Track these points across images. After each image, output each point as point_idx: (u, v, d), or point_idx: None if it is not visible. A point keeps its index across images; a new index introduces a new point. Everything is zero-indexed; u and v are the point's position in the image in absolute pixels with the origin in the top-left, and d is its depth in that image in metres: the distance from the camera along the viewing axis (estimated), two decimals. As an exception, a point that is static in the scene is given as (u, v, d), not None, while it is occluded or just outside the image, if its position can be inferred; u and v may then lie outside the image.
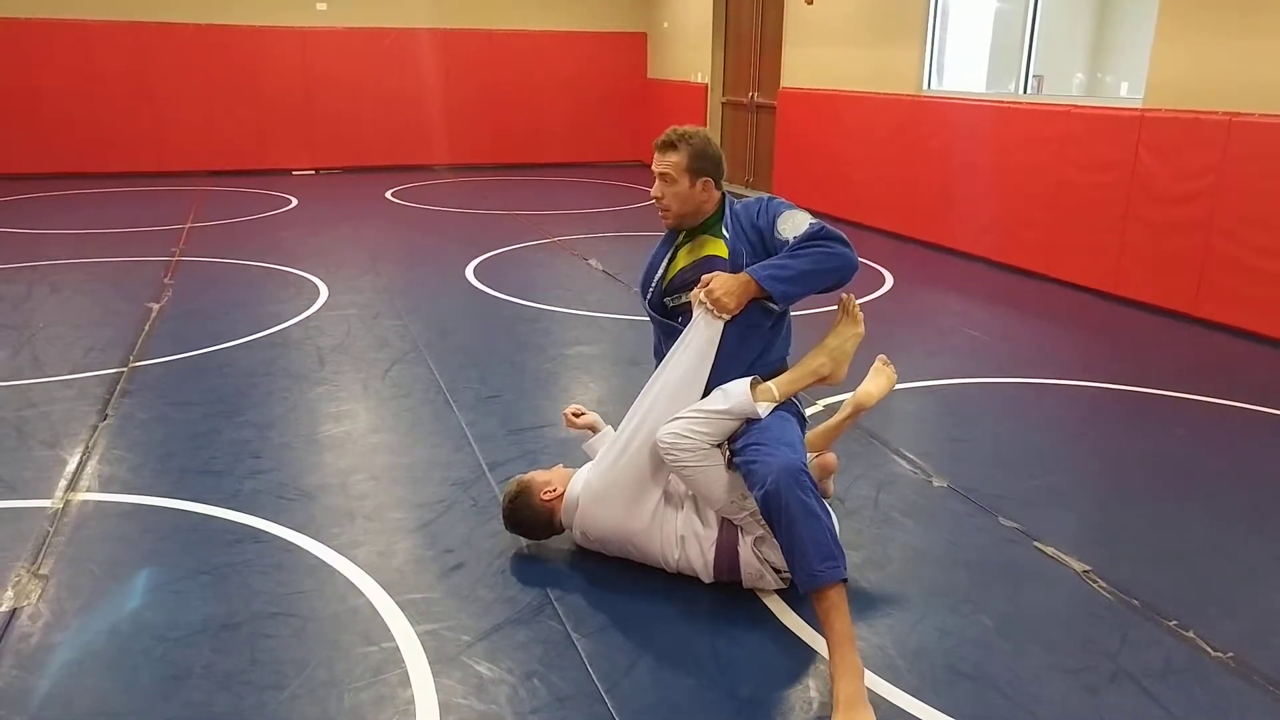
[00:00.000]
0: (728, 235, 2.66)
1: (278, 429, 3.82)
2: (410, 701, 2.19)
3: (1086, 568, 2.81)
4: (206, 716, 2.14)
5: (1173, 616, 2.56)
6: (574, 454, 3.26)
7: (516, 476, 2.88)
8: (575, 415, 3.03)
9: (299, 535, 2.95)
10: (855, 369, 2.82)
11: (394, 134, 12.10)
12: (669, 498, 2.66)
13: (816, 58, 9.26)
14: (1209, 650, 2.42)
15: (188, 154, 11.36)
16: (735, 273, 2.56)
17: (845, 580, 2.28)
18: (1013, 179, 6.81)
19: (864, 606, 2.58)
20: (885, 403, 3.10)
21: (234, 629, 2.46)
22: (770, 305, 2.58)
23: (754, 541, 2.56)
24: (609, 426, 2.98)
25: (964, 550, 2.93)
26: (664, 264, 2.76)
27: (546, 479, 2.81)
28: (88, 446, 3.60)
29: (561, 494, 2.75)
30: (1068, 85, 8.94)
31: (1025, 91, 7.28)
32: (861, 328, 2.77)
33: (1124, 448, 3.82)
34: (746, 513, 2.52)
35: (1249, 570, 2.84)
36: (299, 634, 2.45)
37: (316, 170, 11.96)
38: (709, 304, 2.53)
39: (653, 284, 2.77)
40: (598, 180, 11.73)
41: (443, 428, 3.85)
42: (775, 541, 2.43)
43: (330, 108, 11.73)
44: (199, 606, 2.56)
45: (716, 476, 2.50)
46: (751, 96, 10.74)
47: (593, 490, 2.67)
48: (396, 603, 2.59)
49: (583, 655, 2.38)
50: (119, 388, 4.25)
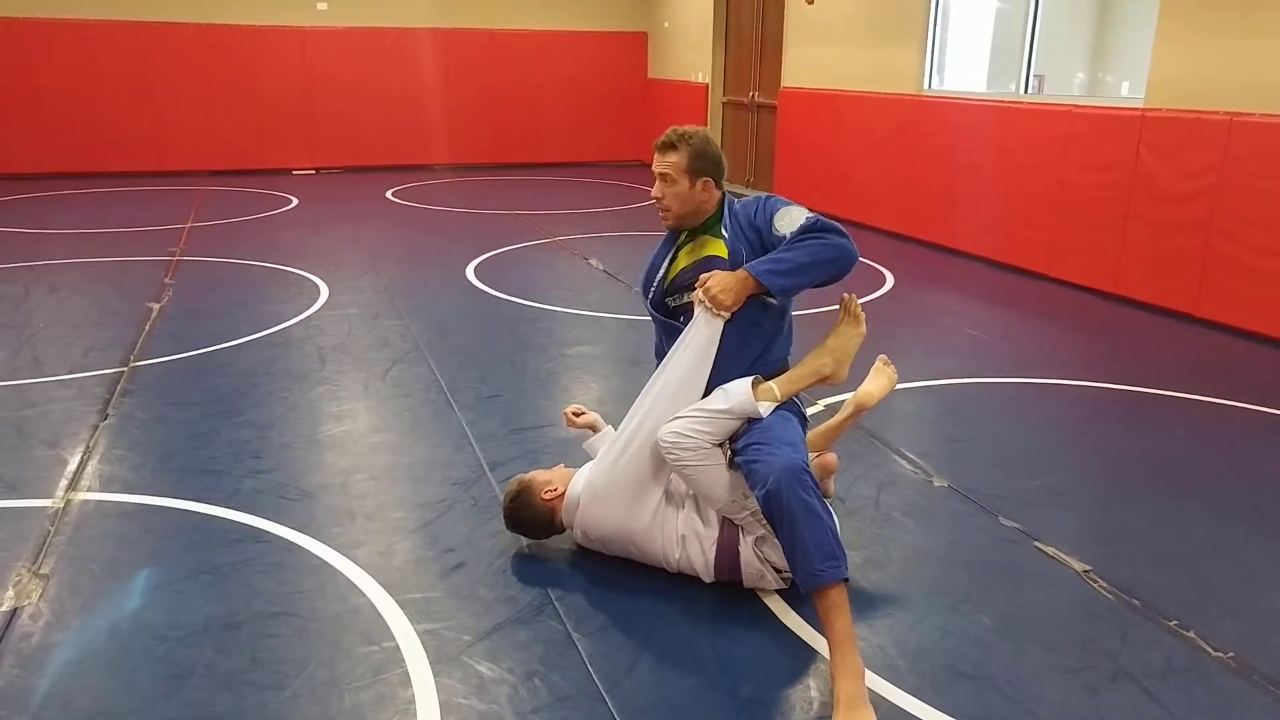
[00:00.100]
0: (727, 235, 2.66)
1: (278, 429, 3.82)
2: (411, 701, 2.19)
3: (1087, 568, 2.81)
4: (208, 716, 2.14)
5: (1173, 616, 2.56)
6: (575, 454, 3.26)
7: (517, 476, 2.88)
8: (575, 415, 3.03)
9: (300, 535, 2.96)
10: (856, 369, 2.82)
11: (394, 134, 12.10)
12: (670, 497, 2.66)
13: (817, 57, 9.26)
14: (1209, 650, 2.42)
15: (188, 154, 11.36)
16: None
17: (846, 580, 2.28)
18: (1014, 179, 6.81)
19: (864, 606, 2.58)
20: (886, 403, 3.10)
21: (235, 629, 2.46)
22: (769, 300, 2.57)
23: (755, 541, 2.56)
24: (609, 426, 2.98)
25: (964, 550, 2.94)
26: (665, 264, 2.77)
27: (547, 478, 2.81)
28: (88, 446, 3.60)
29: (562, 493, 2.76)
30: (1069, 85, 8.93)
31: (1026, 91, 7.28)
32: (863, 328, 2.77)
33: (1124, 448, 3.82)
34: (748, 512, 2.52)
35: (1249, 570, 2.85)
36: (300, 634, 2.45)
37: (317, 170, 11.96)
38: (707, 302, 2.53)
39: (654, 284, 2.78)
40: (598, 180, 11.73)
41: (443, 427, 3.85)
42: (776, 541, 2.43)
43: (331, 107, 11.74)
44: (200, 606, 2.56)
45: (718, 476, 2.50)
46: (752, 96, 10.74)
47: (593, 489, 2.68)
48: (397, 602, 2.59)
49: (583, 655, 2.38)
50: (119, 387, 4.25)
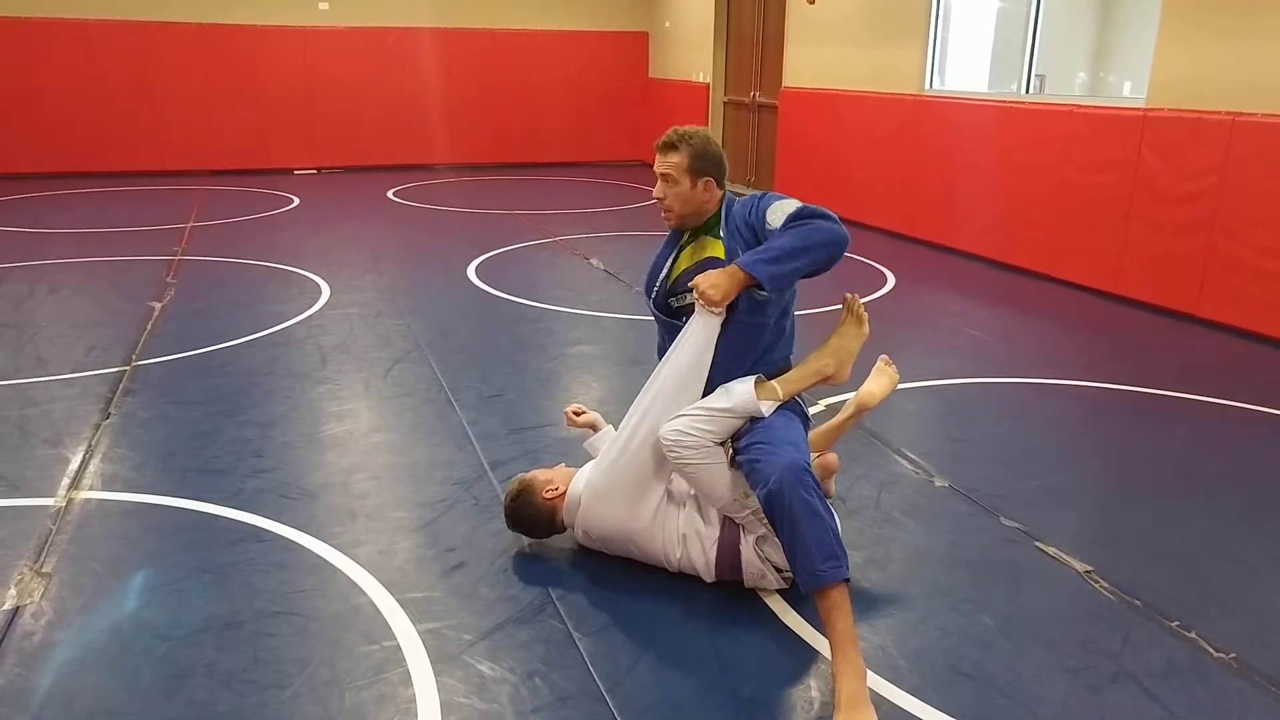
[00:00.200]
0: (724, 236, 2.66)
1: (280, 428, 3.83)
2: (412, 700, 2.20)
3: (1088, 568, 2.81)
4: (209, 715, 2.14)
5: (1174, 617, 2.56)
6: (576, 453, 3.26)
7: (518, 475, 2.88)
8: (576, 414, 3.03)
9: (301, 534, 2.96)
10: (857, 369, 2.82)
11: (395, 133, 12.10)
12: (671, 496, 2.66)
13: (818, 57, 9.26)
14: (1211, 651, 2.42)
15: (189, 153, 11.36)
16: None
17: (848, 580, 2.28)
18: (1015, 179, 6.81)
19: (865, 606, 2.58)
20: (887, 403, 3.10)
21: (236, 628, 2.46)
22: (760, 294, 2.49)
23: (756, 541, 2.56)
24: (610, 425, 2.98)
25: (965, 550, 2.94)
26: (668, 264, 2.77)
27: (548, 478, 2.81)
28: (90, 445, 3.61)
29: (563, 493, 2.76)
30: (1070, 85, 8.93)
31: (1028, 91, 7.28)
32: (866, 328, 2.78)
33: (1125, 448, 3.82)
34: (749, 511, 2.52)
35: (1250, 570, 2.85)
36: (301, 633, 2.45)
37: (318, 169, 11.96)
38: (701, 301, 2.53)
39: (657, 284, 2.78)
40: (599, 180, 11.73)
41: (444, 427, 3.85)
42: (777, 541, 2.43)
43: (332, 107, 11.73)
44: (201, 605, 2.56)
45: (719, 475, 2.51)
46: (753, 96, 10.74)
47: (594, 489, 2.68)
48: (398, 601, 2.59)
49: (584, 654, 2.38)
50: (121, 386, 4.25)
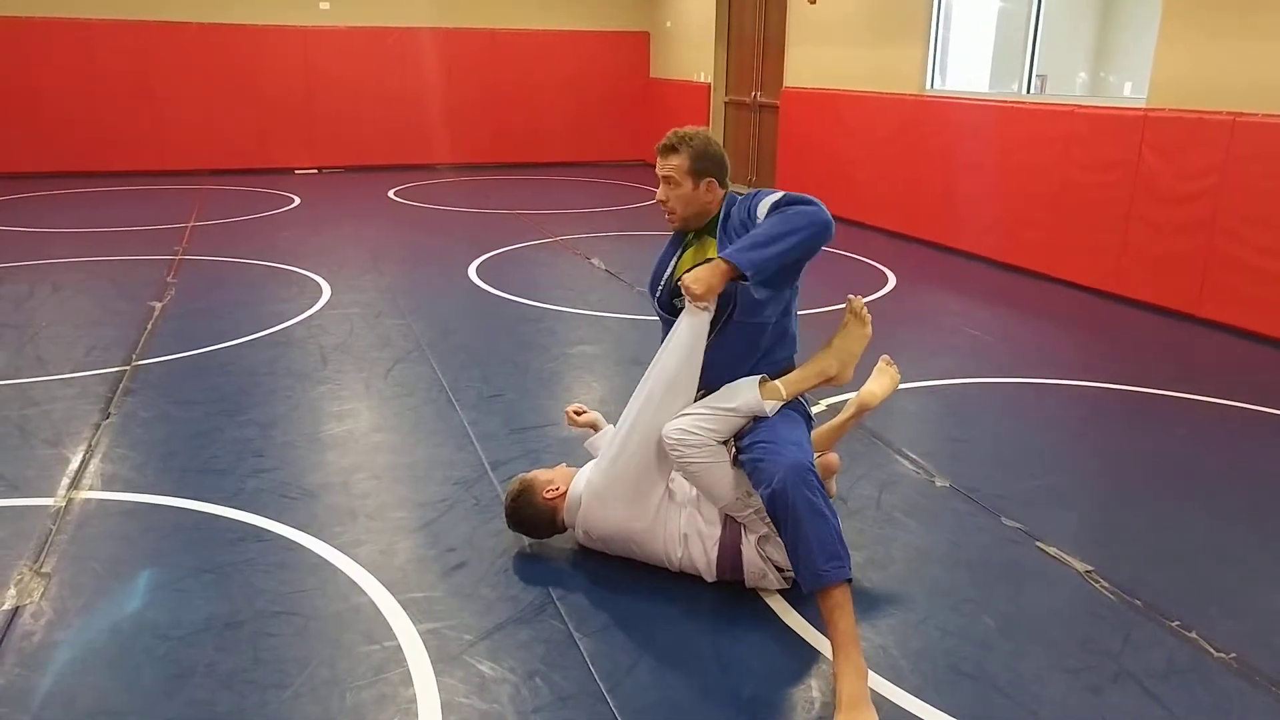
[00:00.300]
0: (720, 235, 2.65)
1: (280, 428, 3.82)
2: (412, 700, 2.20)
3: (1088, 568, 2.81)
4: (209, 715, 2.14)
5: (1175, 617, 2.56)
6: (576, 453, 3.26)
7: (519, 475, 2.88)
8: (577, 413, 3.03)
9: (301, 534, 2.96)
10: (859, 369, 2.82)
11: (396, 133, 12.10)
12: (672, 495, 2.66)
13: (819, 57, 9.26)
14: (1211, 651, 2.42)
15: (189, 153, 11.37)
16: None
17: (850, 580, 2.28)
18: (1016, 179, 6.80)
19: (866, 606, 2.58)
20: (888, 402, 3.10)
21: (236, 628, 2.46)
22: (752, 286, 2.46)
23: (758, 540, 2.56)
24: (610, 425, 2.98)
25: (966, 550, 2.93)
26: (671, 264, 2.77)
27: (549, 478, 2.81)
28: (90, 445, 3.61)
29: (564, 493, 2.76)
30: (1071, 85, 8.93)
31: (1029, 91, 7.28)
32: (869, 329, 2.78)
33: (1125, 448, 3.82)
34: (751, 510, 2.52)
35: (1250, 570, 2.84)
36: (301, 633, 2.45)
37: (319, 169, 11.96)
38: (686, 295, 2.52)
39: (661, 284, 2.78)
40: (600, 180, 11.73)
41: (445, 427, 3.85)
42: (779, 540, 2.43)
43: (332, 107, 11.74)
44: (201, 605, 2.56)
45: (722, 474, 2.51)
46: (754, 96, 10.73)
47: (594, 489, 2.67)
48: (399, 601, 2.59)
49: (585, 654, 2.38)
50: (121, 386, 4.25)
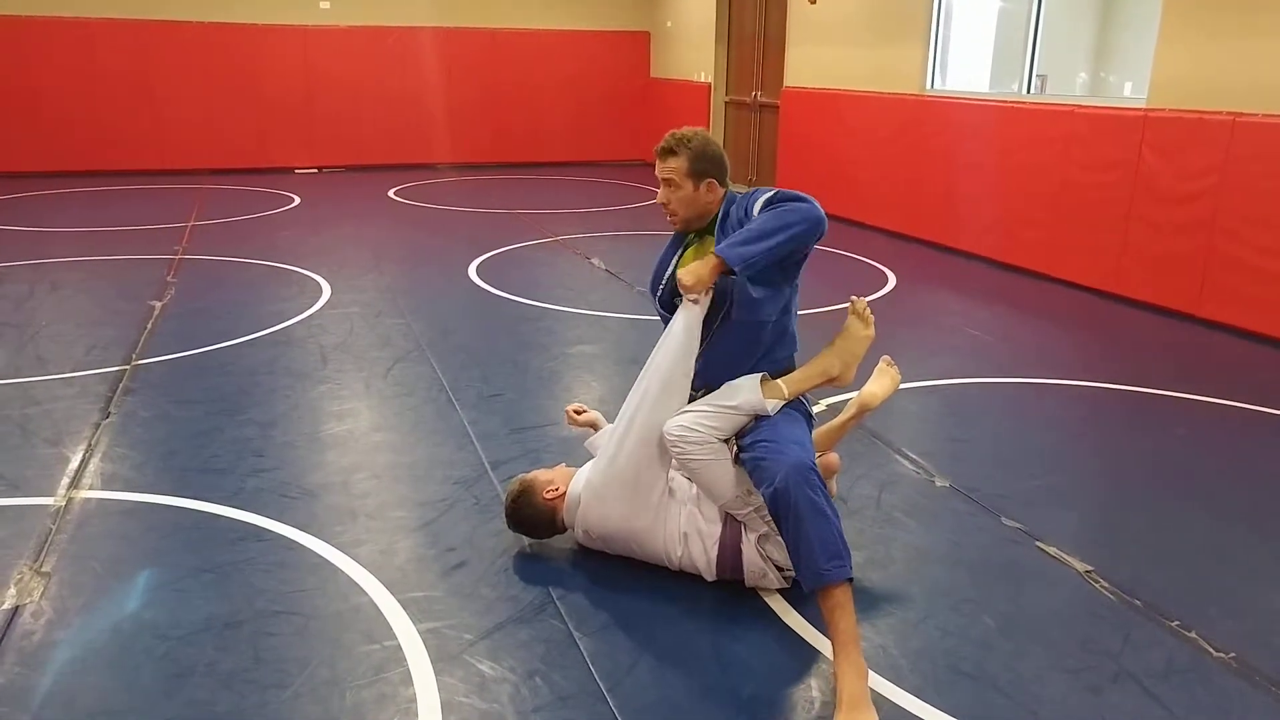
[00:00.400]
0: (718, 234, 2.65)
1: (280, 427, 3.82)
2: (412, 700, 2.20)
3: (1088, 568, 2.81)
4: (209, 715, 2.14)
5: (1175, 617, 2.56)
6: (576, 452, 3.26)
7: (519, 475, 2.89)
8: (577, 413, 3.03)
9: (301, 533, 2.96)
10: (860, 369, 2.82)
11: (396, 133, 12.10)
12: (672, 493, 2.66)
13: (820, 57, 9.26)
14: (1211, 651, 2.42)
15: (190, 152, 11.36)
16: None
17: (851, 580, 2.28)
18: (1016, 179, 6.80)
19: (866, 606, 2.58)
20: (888, 402, 3.10)
21: (236, 627, 2.46)
22: (742, 281, 2.47)
23: (758, 539, 2.56)
24: (610, 424, 2.98)
25: (966, 550, 2.94)
26: (672, 264, 2.77)
27: (549, 478, 2.81)
28: (90, 444, 3.61)
29: (564, 493, 2.76)
30: (1071, 85, 8.93)
31: (1029, 91, 7.28)
32: (872, 330, 2.78)
33: (1125, 448, 3.82)
34: (752, 509, 2.53)
35: (1250, 570, 2.84)
36: (301, 632, 2.45)
37: (319, 169, 11.96)
38: (680, 289, 2.51)
39: (662, 283, 2.78)
40: (600, 179, 11.73)
41: (445, 426, 3.85)
42: (779, 539, 2.44)
43: (332, 106, 11.74)
44: (201, 605, 2.56)
45: (723, 471, 2.51)
46: (755, 96, 10.73)
47: (594, 488, 2.68)
48: (398, 601, 2.59)
49: (585, 654, 2.38)
50: (121, 386, 4.25)
